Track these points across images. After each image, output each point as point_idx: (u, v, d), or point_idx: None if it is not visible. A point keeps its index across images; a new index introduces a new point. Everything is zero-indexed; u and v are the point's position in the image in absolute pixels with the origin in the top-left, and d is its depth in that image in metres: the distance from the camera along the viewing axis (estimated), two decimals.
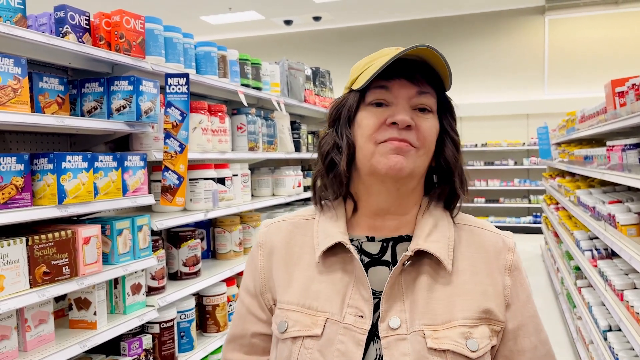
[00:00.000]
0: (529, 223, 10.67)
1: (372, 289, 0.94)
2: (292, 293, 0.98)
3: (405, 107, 0.93)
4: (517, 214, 11.15)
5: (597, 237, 3.82)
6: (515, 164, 10.94)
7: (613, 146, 2.82)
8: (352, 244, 0.97)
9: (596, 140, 4.84)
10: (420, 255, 0.94)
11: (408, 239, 0.99)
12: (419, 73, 0.94)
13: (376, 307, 0.93)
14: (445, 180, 1.00)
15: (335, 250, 0.97)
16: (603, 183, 4.28)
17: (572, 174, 5.62)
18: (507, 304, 0.96)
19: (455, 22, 11.38)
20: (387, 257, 0.98)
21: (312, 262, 0.99)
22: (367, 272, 0.95)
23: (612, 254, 3.50)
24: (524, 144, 10.95)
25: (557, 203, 6.04)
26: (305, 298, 0.96)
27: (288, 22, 11.59)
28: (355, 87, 0.97)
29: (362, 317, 0.92)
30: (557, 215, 5.51)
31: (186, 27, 2.92)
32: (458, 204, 1.01)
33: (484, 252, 0.98)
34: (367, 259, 0.98)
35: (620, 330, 3.02)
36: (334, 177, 0.99)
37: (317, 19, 11.43)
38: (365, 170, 0.96)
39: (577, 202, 4.15)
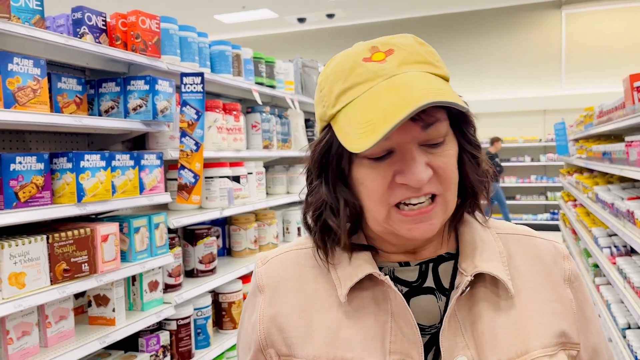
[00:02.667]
0: (546, 220, 10.55)
1: (419, 325, 0.78)
2: (315, 345, 0.79)
3: (414, 154, 0.72)
4: (534, 211, 11.04)
5: (615, 234, 3.77)
6: (532, 160, 10.82)
7: (632, 141, 2.77)
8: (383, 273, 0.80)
9: (615, 136, 4.76)
10: (474, 277, 0.80)
11: (450, 257, 0.83)
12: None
13: (427, 347, 0.78)
14: (468, 196, 0.84)
15: (362, 284, 0.79)
16: (622, 179, 4.22)
17: (591, 170, 5.54)
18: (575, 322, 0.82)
19: (470, 18, 11.28)
20: (430, 282, 0.81)
21: (333, 302, 0.81)
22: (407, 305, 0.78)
23: (631, 251, 3.45)
24: (540, 140, 10.82)
25: (575, 200, 5.96)
26: (336, 349, 0.78)
27: (301, 20, 11.60)
28: (345, 142, 0.72)
29: None
30: (575, 212, 5.44)
31: (200, 26, 2.94)
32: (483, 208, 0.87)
33: (540, 263, 0.84)
34: (404, 289, 0.81)
35: (639, 328, 2.98)
36: (334, 241, 0.82)
37: (330, 16, 11.41)
38: (380, 230, 0.80)
39: (595, 199, 4.10)
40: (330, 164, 0.79)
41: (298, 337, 0.80)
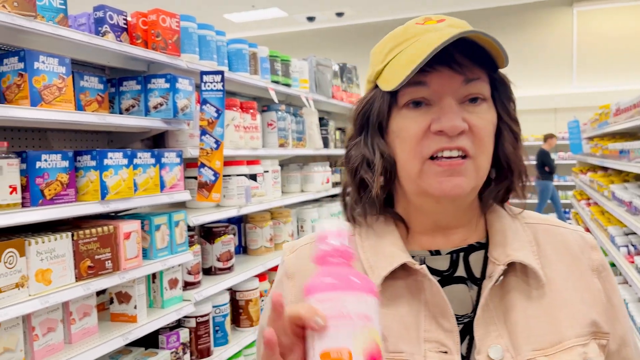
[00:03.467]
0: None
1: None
2: None
3: (452, 104, 0.74)
4: (545, 210, 10.96)
5: (633, 233, 3.74)
6: None
7: None
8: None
9: (630, 134, 4.73)
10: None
11: (481, 247, 0.83)
12: (463, 54, 0.74)
13: (460, 336, 0.77)
14: (502, 177, 0.83)
15: (395, 273, 0.79)
16: (638, 177, 4.19)
17: (605, 169, 5.50)
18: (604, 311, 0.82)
19: (481, 16, 11.23)
20: (461, 272, 0.81)
21: None
22: None
23: None
24: None
25: (589, 198, 5.92)
26: None
27: (311, 19, 11.59)
28: (383, 85, 0.78)
29: (446, 352, 0.75)
30: (589, 210, 5.40)
31: None
32: (514, 199, 0.86)
33: (568, 253, 0.84)
34: (436, 278, 0.80)
35: None
36: (368, 199, 0.82)
37: (340, 14, 11.40)
38: (412, 191, 0.80)
39: (611, 197, 4.07)
40: (370, 118, 0.81)
41: None
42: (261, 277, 3.11)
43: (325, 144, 4.08)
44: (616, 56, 10.39)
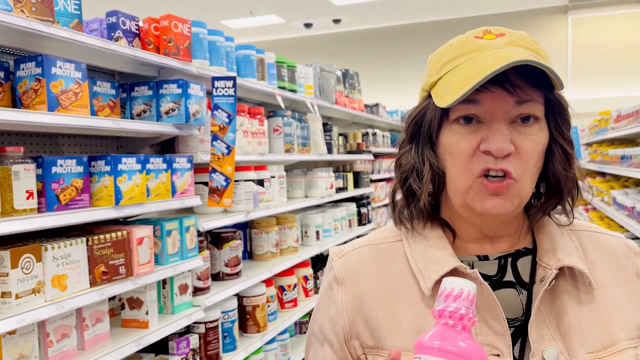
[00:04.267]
0: None
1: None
2: (404, 336, 0.79)
3: (502, 126, 0.74)
4: None
5: (635, 237, 3.76)
6: None
7: None
8: None
9: (629, 140, 4.77)
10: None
11: (528, 252, 0.85)
12: (518, 75, 0.75)
13: (513, 339, 0.78)
14: (552, 194, 0.84)
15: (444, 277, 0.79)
16: (638, 183, 4.23)
17: (603, 174, 5.55)
18: None
19: (476, 23, 11.29)
20: (509, 276, 0.83)
21: (415, 295, 0.81)
22: None
23: None
24: None
25: (587, 204, 5.96)
26: None
27: (308, 25, 11.64)
28: (436, 98, 0.78)
29: (498, 355, 0.76)
30: (588, 216, 5.44)
31: None
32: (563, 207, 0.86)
33: (614, 259, 0.86)
34: (485, 282, 0.80)
35: None
36: (415, 206, 0.85)
37: (337, 21, 11.45)
38: (458, 203, 0.81)
39: (612, 203, 4.11)
40: (422, 128, 0.82)
41: (385, 329, 0.81)
42: (267, 282, 3.11)
43: (329, 150, 4.10)
44: (611, 64, 10.50)
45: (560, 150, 0.81)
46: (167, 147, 2.59)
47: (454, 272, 0.79)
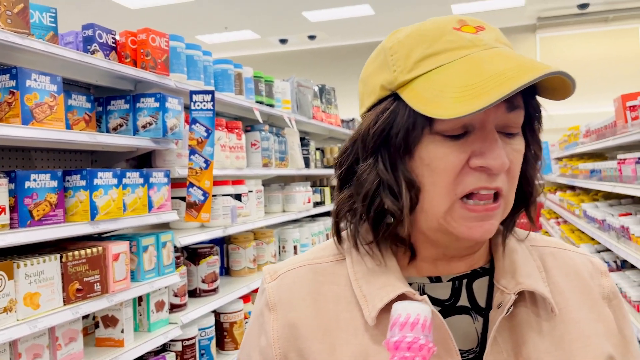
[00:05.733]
0: None
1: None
2: None
3: (496, 137, 0.65)
4: None
5: (606, 250, 3.86)
6: None
7: (625, 159, 2.87)
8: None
9: (597, 155, 4.92)
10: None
11: (485, 272, 0.75)
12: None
13: None
14: (521, 204, 0.75)
15: (391, 304, 0.67)
16: (607, 196, 4.35)
17: (573, 188, 5.69)
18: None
19: None
20: (464, 301, 0.73)
21: (358, 324, 0.70)
22: None
23: (622, 266, 3.55)
24: None
25: (558, 217, 6.10)
26: None
27: (283, 41, 11.72)
28: (422, 104, 0.64)
29: None
30: (559, 229, 5.56)
31: None
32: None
33: (578, 279, 0.77)
34: (437, 308, 0.70)
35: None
36: (384, 229, 0.71)
37: (312, 37, 11.56)
38: (431, 226, 0.69)
39: (582, 215, 4.21)
40: (392, 138, 0.67)
41: None
42: (245, 298, 3.07)
43: (307, 164, 4.10)
44: (578, 80, 10.82)
45: (534, 157, 0.74)
46: (143, 161, 2.55)
47: (402, 298, 0.68)
